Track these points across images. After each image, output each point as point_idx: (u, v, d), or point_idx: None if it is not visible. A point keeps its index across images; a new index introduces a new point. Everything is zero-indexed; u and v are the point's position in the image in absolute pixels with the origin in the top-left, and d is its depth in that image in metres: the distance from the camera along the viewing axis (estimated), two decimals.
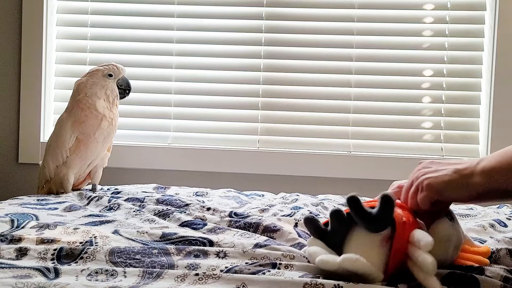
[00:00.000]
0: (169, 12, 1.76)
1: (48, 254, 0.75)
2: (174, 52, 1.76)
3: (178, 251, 0.77)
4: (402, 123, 1.71)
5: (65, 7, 1.78)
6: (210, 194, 1.38)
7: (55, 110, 1.77)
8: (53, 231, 0.88)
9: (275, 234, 0.91)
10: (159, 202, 1.17)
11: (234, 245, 0.82)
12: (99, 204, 1.17)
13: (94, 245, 0.79)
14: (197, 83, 1.76)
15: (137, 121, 1.77)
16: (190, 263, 0.73)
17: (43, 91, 1.75)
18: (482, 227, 1.03)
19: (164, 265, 0.73)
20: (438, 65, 1.70)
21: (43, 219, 0.99)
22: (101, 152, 1.37)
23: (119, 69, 1.36)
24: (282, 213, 1.10)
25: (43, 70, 1.75)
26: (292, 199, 1.31)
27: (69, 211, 1.09)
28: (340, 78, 1.73)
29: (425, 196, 0.73)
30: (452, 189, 0.72)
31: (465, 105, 1.71)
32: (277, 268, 0.72)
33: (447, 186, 0.72)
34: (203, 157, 1.72)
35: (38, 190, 1.39)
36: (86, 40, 1.78)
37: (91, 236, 0.84)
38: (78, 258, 0.74)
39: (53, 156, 1.33)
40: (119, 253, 0.75)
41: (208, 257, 0.76)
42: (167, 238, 0.86)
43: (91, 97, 1.32)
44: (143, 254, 0.76)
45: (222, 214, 1.07)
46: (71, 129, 1.31)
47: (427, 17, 1.71)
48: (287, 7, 1.74)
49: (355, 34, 1.72)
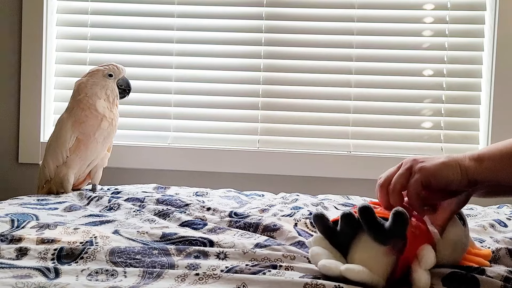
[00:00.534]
0: (169, 12, 1.76)
1: (48, 254, 0.75)
2: (174, 52, 1.76)
3: (178, 252, 0.77)
4: (402, 123, 1.71)
5: (65, 7, 1.78)
6: (210, 194, 1.38)
7: (55, 110, 1.77)
8: (53, 231, 0.88)
9: (275, 233, 0.91)
10: (159, 202, 1.17)
11: (234, 245, 0.82)
12: (99, 204, 1.17)
13: (94, 245, 0.79)
14: (197, 83, 1.76)
15: (137, 121, 1.77)
16: (190, 263, 0.73)
17: (43, 91, 1.75)
18: (482, 227, 1.03)
19: (165, 265, 0.73)
20: (438, 65, 1.70)
21: (43, 219, 0.99)
22: (101, 152, 1.37)
23: (119, 69, 1.36)
24: (282, 213, 1.10)
25: (43, 70, 1.75)
26: (292, 199, 1.31)
27: (69, 211, 1.09)
28: (340, 78, 1.73)
29: (417, 179, 0.73)
30: (445, 170, 0.73)
31: (465, 105, 1.71)
32: (277, 269, 0.72)
33: (440, 167, 0.73)
34: (203, 157, 1.72)
35: (38, 190, 1.38)
36: (86, 40, 1.78)
37: (91, 236, 0.84)
38: (78, 258, 0.74)
39: (53, 156, 1.33)
40: (119, 253, 0.75)
41: (209, 258, 0.76)
42: (167, 238, 0.86)
43: (91, 97, 1.32)
44: (143, 254, 0.76)
45: (222, 214, 1.06)
46: (71, 129, 1.31)
47: (427, 17, 1.71)
48: (287, 7, 1.74)
49: (355, 34, 1.72)
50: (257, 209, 1.15)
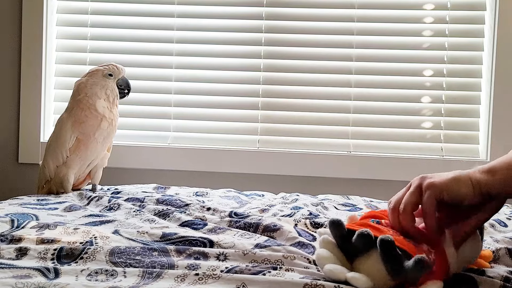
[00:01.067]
0: (169, 12, 1.76)
1: (48, 254, 0.75)
2: (174, 52, 1.76)
3: (178, 253, 0.77)
4: (402, 123, 1.71)
5: (65, 7, 1.78)
6: (210, 194, 1.38)
7: (55, 110, 1.77)
8: (53, 231, 0.88)
9: (275, 233, 0.91)
10: (159, 202, 1.17)
11: (234, 245, 0.82)
12: (99, 204, 1.17)
13: (94, 245, 0.79)
14: (197, 83, 1.76)
15: (137, 121, 1.77)
16: (190, 263, 0.73)
17: (43, 91, 1.75)
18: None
19: (164, 265, 0.73)
20: (438, 65, 1.70)
21: (43, 219, 0.99)
22: (101, 152, 1.37)
23: (119, 69, 1.36)
24: (282, 213, 1.10)
25: (43, 70, 1.75)
26: (292, 199, 1.31)
27: (69, 211, 1.09)
28: (340, 78, 1.73)
29: (430, 195, 0.71)
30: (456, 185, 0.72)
31: (465, 105, 1.71)
32: (277, 270, 0.72)
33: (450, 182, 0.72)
34: (203, 157, 1.72)
35: (38, 190, 1.38)
36: (86, 40, 1.78)
37: (91, 236, 0.84)
38: (78, 258, 0.74)
39: (53, 156, 1.33)
40: (119, 253, 0.75)
41: (209, 259, 0.76)
42: (167, 238, 0.86)
43: (91, 97, 1.32)
44: (143, 255, 0.76)
45: (222, 214, 1.06)
46: (71, 129, 1.31)
47: (427, 17, 1.71)
48: (287, 7, 1.74)
49: (355, 34, 1.72)
50: (257, 209, 1.15)
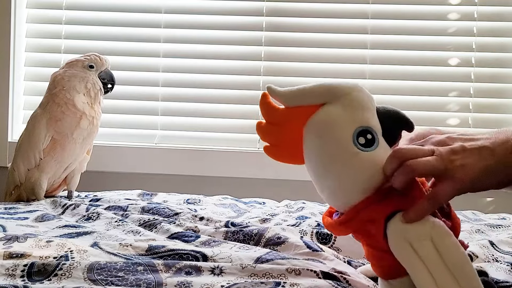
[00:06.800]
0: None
1: (17, 271, 0.75)
2: (161, 39, 1.76)
3: (167, 267, 0.77)
4: (425, 120, 1.70)
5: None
6: (203, 202, 1.38)
7: (25, 105, 1.77)
8: (23, 244, 0.88)
9: (279, 247, 0.91)
10: (144, 211, 1.17)
11: (231, 260, 0.82)
12: (75, 213, 1.17)
13: (70, 260, 0.79)
14: (188, 74, 1.76)
15: (120, 117, 1.77)
16: (180, 281, 0.73)
17: (11, 83, 1.75)
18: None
19: (151, 283, 0.72)
20: (466, 53, 1.70)
21: (11, 230, 0.99)
22: (80, 155, 1.37)
23: (102, 60, 1.36)
24: (286, 223, 1.10)
25: (11, 59, 1.75)
26: (298, 208, 1.31)
27: (41, 221, 1.10)
28: (353, 68, 1.73)
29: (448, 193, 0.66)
30: (487, 179, 0.68)
31: (496, 99, 1.71)
32: (281, 286, 0.72)
33: (481, 176, 0.67)
34: (195, 159, 1.72)
35: (6, 197, 1.39)
36: (60, 24, 1.78)
37: (66, 250, 0.84)
38: (51, 275, 0.74)
39: (25, 158, 1.33)
40: (99, 269, 0.75)
41: (202, 274, 0.76)
42: (154, 251, 0.86)
43: (68, 91, 1.32)
44: (126, 271, 0.76)
45: (217, 224, 1.07)
46: (46, 128, 1.31)
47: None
48: (288, 2, 1.75)
49: (369, 33, 1.72)
50: (257, 219, 1.15)
